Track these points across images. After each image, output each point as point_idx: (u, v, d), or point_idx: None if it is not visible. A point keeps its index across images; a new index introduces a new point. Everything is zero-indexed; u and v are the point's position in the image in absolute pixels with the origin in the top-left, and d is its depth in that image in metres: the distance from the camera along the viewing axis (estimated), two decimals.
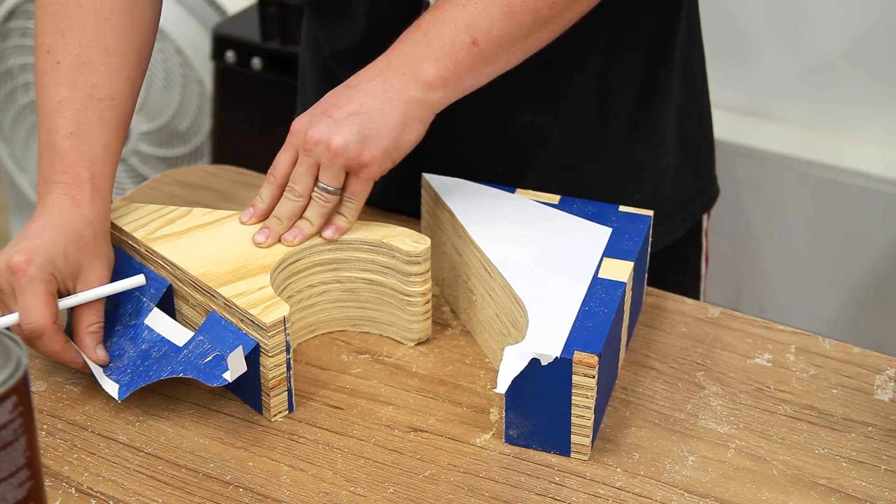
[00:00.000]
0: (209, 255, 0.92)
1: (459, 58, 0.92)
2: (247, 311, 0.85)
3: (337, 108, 0.91)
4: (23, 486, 0.64)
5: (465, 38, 0.91)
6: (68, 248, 0.88)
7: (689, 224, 1.17)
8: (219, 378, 0.84)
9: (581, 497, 0.82)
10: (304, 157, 0.92)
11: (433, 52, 0.92)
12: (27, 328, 0.86)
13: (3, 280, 0.87)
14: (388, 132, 0.91)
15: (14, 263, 0.86)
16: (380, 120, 0.90)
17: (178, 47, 2.11)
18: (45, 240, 0.87)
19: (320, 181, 0.92)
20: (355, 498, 0.82)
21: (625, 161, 1.10)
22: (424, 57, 0.92)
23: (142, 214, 0.97)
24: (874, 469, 0.85)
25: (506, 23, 0.92)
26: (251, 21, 2.02)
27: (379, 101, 0.91)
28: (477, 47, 0.92)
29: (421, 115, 0.92)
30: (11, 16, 2.22)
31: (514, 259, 0.92)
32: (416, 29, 0.93)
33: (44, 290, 0.86)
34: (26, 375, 0.63)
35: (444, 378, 0.93)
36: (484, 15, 0.91)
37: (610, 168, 1.10)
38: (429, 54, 0.92)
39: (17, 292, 0.86)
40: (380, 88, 0.91)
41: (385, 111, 0.91)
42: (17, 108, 2.34)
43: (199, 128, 2.19)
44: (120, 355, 0.90)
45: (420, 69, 0.91)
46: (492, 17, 0.91)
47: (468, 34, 0.91)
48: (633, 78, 1.07)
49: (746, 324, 1.00)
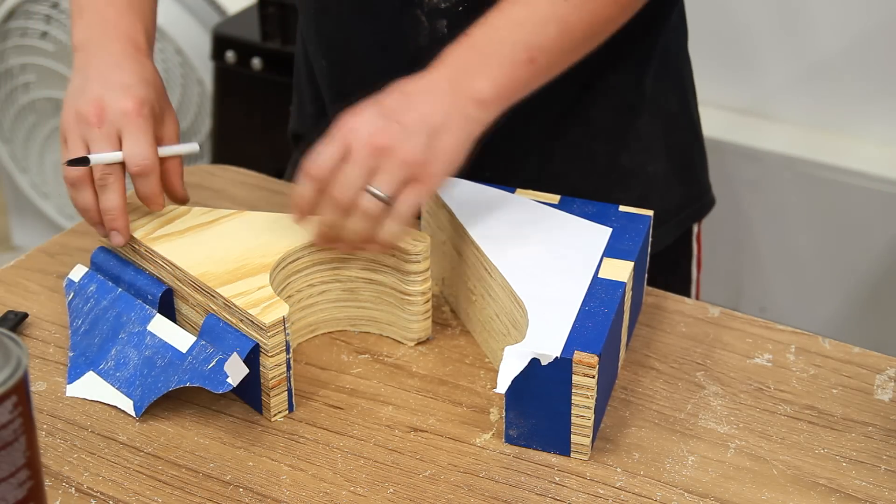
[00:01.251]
0: (209, 255, 0.92)
1: (516, 76, 0.90)
2: (246, 311, 0.85)
3: (402, 114, 0.87)
4: (23, 486, 0.64)
5: (522, 55, 0.90)
6: (156, 95, 0.96)
7: (679, 231, 1.17)
8: (223, 384, 0.84)
9: (581, 497, 0.82)
10: (363, 160, 0.86)
11: (491, 70, 0.90)
12: (140, 164, 0.91)
13: (109, 121, 0.92)
14: (453, 148, 0.88)
15: (127, 107, 0.92)
16: (446, 134, 0.88)
17: (178, 47, 2.11)
18: (142, 88, 0.94)
19: (374, 186, 0.86)
20: (355, 498, 0.82)
21: (611, 168, 1.10)
22: (482, 74, 0.89)
23: (141, 214, 0.97)
24: (874, 469, 0.85)
25: (562, 39, 0.91)
26: (251, 21, 2.02)
27: (443, 114, 0.88)
28: (534, 65, 0.90)
29: (476, 133, 0.90)
30: (11, 16, 2.22)
31: (514, 259, 0.92)
32: (470, 46, 0.91)
33: (152, 132, 0.93)
34: (26, 375, 0.63)
35: (444, 378, 0.93)
36: (541, 32, 0.90)
37: (596, 175, 1.10)
38: (486, 72, 0.90)
39: (127, 134, 0.92)
40: (441, 101, 0.89)
41: (450, 126, 0.88)
42: (17, 108, 2.34)
43: (199, 128, 2.19)
44: (125, 363, 0.90)
45: (477, 87, 0.89)
46: (548, 34, 0.90)
47: (525, 52, 0.90)
48: (619, 85, 1.07)
49: (746, 324, 1.00)
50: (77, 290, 0.96)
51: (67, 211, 2.43)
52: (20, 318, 0.98)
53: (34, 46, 2.23)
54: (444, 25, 1.02)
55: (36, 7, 2.19)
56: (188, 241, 0.94)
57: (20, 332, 0.98)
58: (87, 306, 0.95)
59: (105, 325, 0.93)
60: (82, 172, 0.93)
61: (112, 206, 0.92)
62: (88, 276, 0.96)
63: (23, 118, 2.35)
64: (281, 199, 1.19)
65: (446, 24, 1.02)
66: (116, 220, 0.93)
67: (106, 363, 0.91)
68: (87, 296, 0.95)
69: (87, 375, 0.91)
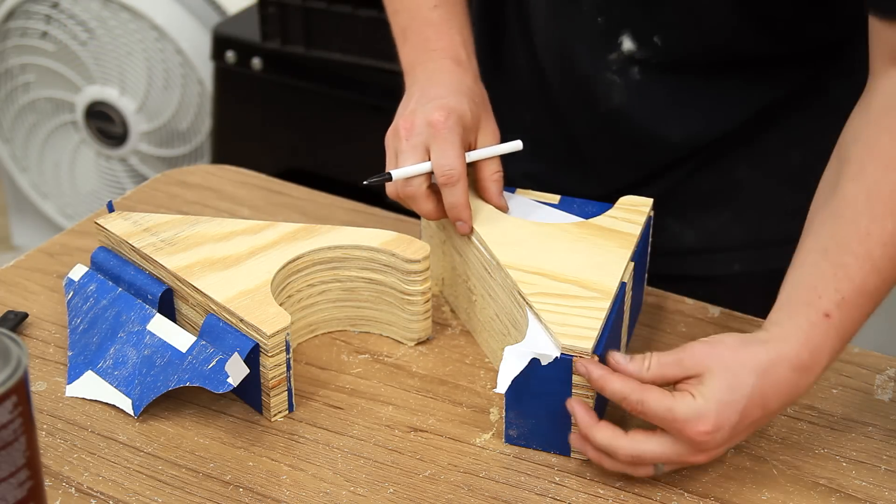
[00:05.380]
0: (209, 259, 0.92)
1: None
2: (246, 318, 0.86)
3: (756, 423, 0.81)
4: (23, 486, 0.64)
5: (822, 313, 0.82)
6: (470, 104, 0.96)
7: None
8: (224, 384, 0.84)
9: (581, 497, 0.82)
10: (688, 453, 0.80)
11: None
12: (447, 173, 0.92)
13: (416, 134, 0.94)
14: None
15: (434, 119, 0.93)
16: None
17: (178, 47, 2.11)
18: (453, 99, 0.95)
19: (662, 465, 0.81)
20: (355, 498, 0.82)
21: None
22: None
23: (138, 225, 0.97)
24: (874, 469, 0.85)
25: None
26: (251, 21, 2.02)
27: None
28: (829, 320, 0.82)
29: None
30: (11, 16, 2.22)
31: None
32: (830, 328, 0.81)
33: (459, 141, 0.93)
34: (26, 375, 0.63)
35: (443, 378, 0.93)
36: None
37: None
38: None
39: (434, 144, 0.93)
40: (789, 399, 0.81)
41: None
42: (17, 108, 2.34)
43: (199, 128, 2.19)
44: (124, 363, 0.90)
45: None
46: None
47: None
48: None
49: (746, 324, 1.00)
50: (76, 289, 0.96)
51: (67, 211, 2.43)
52: (20, 318, 0.98)
53: (34, 46, 2.24)
54: (637, 73, 1.04)
55: (36, 7, 2.19)
56: (192, 252, 0.94)
57: (20, 332, 0.98)
58: (86, 305, 0.95)
59: (104, 324, 0.93)
60: (415, 187, 0.94)
61: (458, 202, 0.93)
62: (88, 275, 0.96)
63: (23, 118, 2.35)
64: (281, 198, 1.19)
65: (638, 74, 1.04)
66: (468, 218, 0.94)
67: (104, 362, 0.91)
68: (87, 295, 0.95)
69: (85, 375, 0.91)
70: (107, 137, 2.26)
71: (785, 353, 0.80)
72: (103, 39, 2.16)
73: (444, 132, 0.93)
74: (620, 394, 0.79)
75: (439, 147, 0.93)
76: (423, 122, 0.94)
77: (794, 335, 0.80)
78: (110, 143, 2.26)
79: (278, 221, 0.99)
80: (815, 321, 0.80)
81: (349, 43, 1.91)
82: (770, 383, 0.79)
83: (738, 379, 0.78)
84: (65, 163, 2.37)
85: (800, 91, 1.04)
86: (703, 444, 0.78)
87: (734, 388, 0.78)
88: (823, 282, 0.81)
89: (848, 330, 0.82)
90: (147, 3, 2.11)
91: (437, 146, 0.93)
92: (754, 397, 0.78)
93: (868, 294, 0.82)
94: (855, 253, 0.81)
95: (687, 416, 0.77)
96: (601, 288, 0.87)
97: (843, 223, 0.82)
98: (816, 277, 0.82)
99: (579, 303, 0.86)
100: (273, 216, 1.15)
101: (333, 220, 1.14)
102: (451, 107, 0.94)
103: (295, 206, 1.18)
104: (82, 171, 2.36)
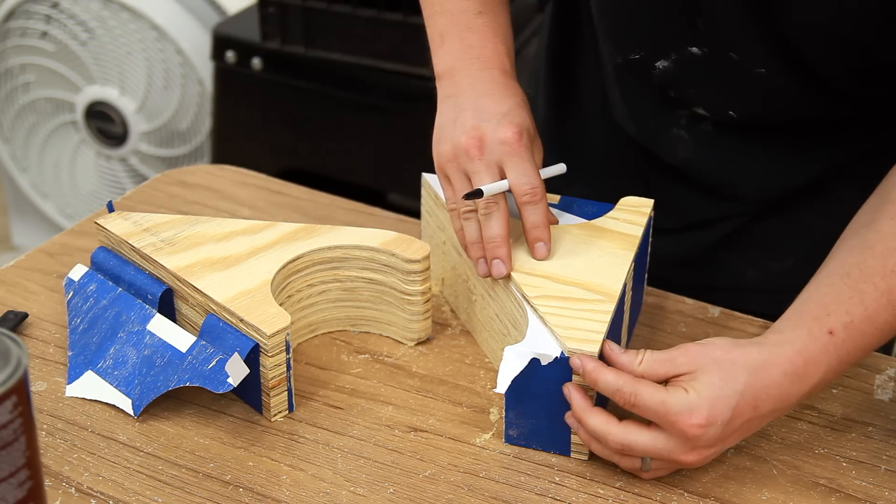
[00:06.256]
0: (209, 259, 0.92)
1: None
2: (246, 319, 0.86)
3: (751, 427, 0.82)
4: (23, 486, 0.64)
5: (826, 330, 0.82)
6: (531, 119, 0.94)
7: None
8: (224, 384, 0.84)
9: (581, 497, 0.82)
10: (681, 450, 0.80)
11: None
12: (529, 190, 0.90)
13: (489, 152, 0.91)
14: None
15: (506, 136, 0.91)
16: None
17: (178, 47, 2.11)
18: (517, 114, 0.93)
19: (650, 460, 0.82)
20: (355, 498, 0.82)
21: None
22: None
23: (138, 226, 0.97)
24: (874, 469, 0.85)
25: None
26: (251, 21, 2.02)
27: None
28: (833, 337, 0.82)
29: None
30: (11, 16, 2.23)
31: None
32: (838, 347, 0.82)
33: (533, 159, 0.92)
34: (26, 375, 0.63)
35: (443, 378, 0.93)
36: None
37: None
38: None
39: (510, 162, 0.91)
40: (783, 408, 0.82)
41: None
42: (17, 108, 2.34)
43: (199, 128, 2.19)
44: (124, 363, 0.90)
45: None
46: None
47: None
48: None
49: (746, 324, 1.00)
50: (76, 289, 0.96)
51: (67, 211, 2.43)
52: (20, 318, 0.98)
53: (34, 46, 2.24)
54: (706, 129, 1.02)
55: (36, 7, 2.19)
56: (191, 252, 0.94)
57: (20, 332, 0.98)
58: (86, 305, 0.95)
59: (104, 324, 0.93)
60: (499, 204, 0.91)
61: (496, 234, 0.90)
62: (88, 275, 0.96)
63: (23, 118, 2.35)
64: (281, 198, 1.19)
65: (707, 130, 1.02)
66: (500, 247, 0.90)
67: (104, 362, 0.91)
68: (87, 295, 0.95)
69: (85, 375, 0.91)
70: (107, 137, 2.26)
71: (778, 356, 0.80)
72: (103, 39, 2.16)
73: (521, 150, 0.90)
74: (614, 385, 0.79)
75: (516, 165, 0.90)
76: (494, 139, 0.91)
77: (790, 342, 0.80)
78: (110, 143, 2.26)
79: (278, 221, 1.00)
80: (816, 335, 0.81)
81: (349, 43, 1.91)
82: (761, 384, 0.79)
83: (730, 375, 0.78)
84: (65, 163, 2.37)
85: (880, 146, 1.01)
86: (696, 440, 0.78)
87: (726, 384, 0.78)
88: (837, 302, 0.81)
89: (850, 353, 0.81)
90: (147, 3, 2.11)
91: (513, 164, 0.90)
92: (746, 395, 0.78)
93: (877, 326, 0.82)
94: (876, 285, 0.81)
95: (679, 410, 0.77)
96: (605, 290, 0.87)
97: (871, 255, 0.82)
98: (830, 297, 0.82)
99: (583, 305, 0.86)
100: (273, 216, 1.15)
101: (333, 220, 1.14)
102: (519, 123, 0.92)
103: (295, 206, 1.18)
104: (82, 171, 2.36)
